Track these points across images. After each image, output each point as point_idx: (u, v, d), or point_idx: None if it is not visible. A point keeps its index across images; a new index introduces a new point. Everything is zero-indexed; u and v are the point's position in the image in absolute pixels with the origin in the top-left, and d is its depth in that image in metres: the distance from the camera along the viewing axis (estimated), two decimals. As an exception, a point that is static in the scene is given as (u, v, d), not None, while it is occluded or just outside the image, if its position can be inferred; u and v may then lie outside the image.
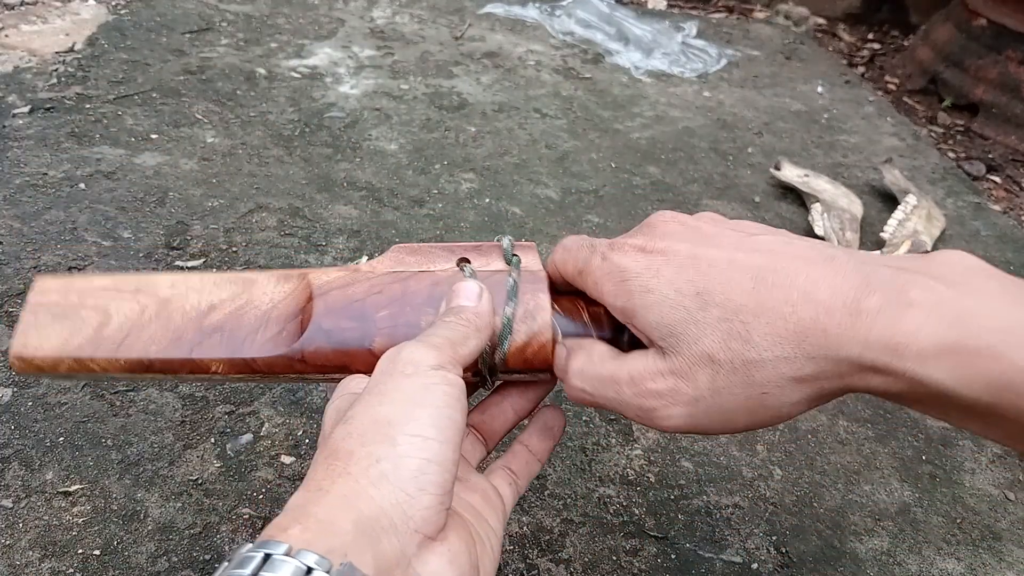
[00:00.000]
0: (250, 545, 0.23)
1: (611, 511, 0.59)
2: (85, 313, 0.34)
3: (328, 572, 0.22)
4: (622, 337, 0.34)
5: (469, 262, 0.36)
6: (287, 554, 0.22)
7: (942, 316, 0.25)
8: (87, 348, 0.34)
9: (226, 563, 0.23)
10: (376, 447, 0.26)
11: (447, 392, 0.28)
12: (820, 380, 0.28)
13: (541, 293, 0.35)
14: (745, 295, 0.28)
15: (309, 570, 0.22)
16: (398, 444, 0.26)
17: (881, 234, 0.96)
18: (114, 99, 1.05)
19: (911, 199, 1.01)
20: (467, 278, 0.34)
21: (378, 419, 0.27)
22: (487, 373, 0.34)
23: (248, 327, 0.34)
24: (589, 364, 0.33)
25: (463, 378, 0.33)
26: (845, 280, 0.27)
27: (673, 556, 0.56)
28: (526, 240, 0.88)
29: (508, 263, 0.36)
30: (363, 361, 0.31)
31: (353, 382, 0.31)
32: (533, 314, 0.34)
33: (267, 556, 0.22)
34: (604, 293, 0.32)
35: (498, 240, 0.37)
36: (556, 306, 0.35)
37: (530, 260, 0.37)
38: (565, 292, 0.36)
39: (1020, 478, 0.68)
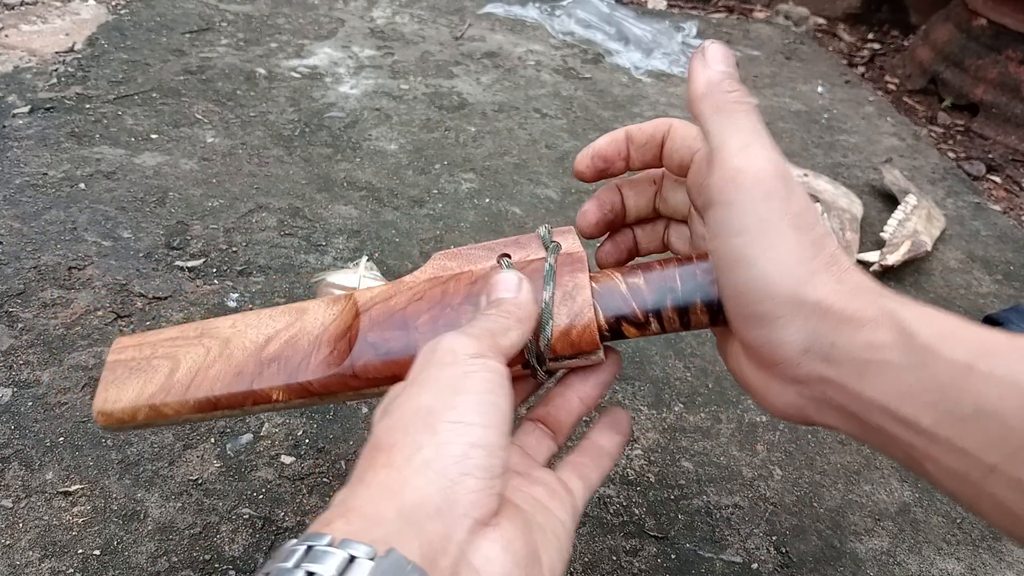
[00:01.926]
0: (294, 540, 0.23)
1: (611, 511, 0.59)
2: (156, 362, 0.37)
3: (372, 560, 0.22)
4: (666, 297, 0.34)
5: (509, 257, 0.36)
6: (330, 545, 0.22)
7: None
8: (160, 395, 0.36)
9: (269, 559, 0.23)
10: (417, 436, 0.25)
11: (487, 378, 0.28)
12: (807, 353, 0.28)
13: (580, 273, 0.34)
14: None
15: (352, 559, 0.22)
16: (439, 432, 0.25)
17: (881, 234, 0.96)
18: (114, 99, 1.05)
19: (911, 199, 1.01)
20: (505, 269, 0.34)
21: (418, 409, 0.26)
22: (536, 363, 0.34)
23: (302, 352, 0.36)
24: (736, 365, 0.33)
25: (515, 372, 0.33)
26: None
27: (673, 556, 0.56)
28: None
29: (546, 249, 0.36)
30: (410, 368, 0.32)
31: (398, 387, 0.31)
32: (572, 295, 0.34)
33: (309, 548, 0.22)
34: (727, 132, 0.31)
35: (536, 231, 0.37)
36: (594, 283, 0.35)
37: (569, 243, 0.36)
38: (602, 269, 0.36)
39: (1020, 478, 0.68)
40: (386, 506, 0.24)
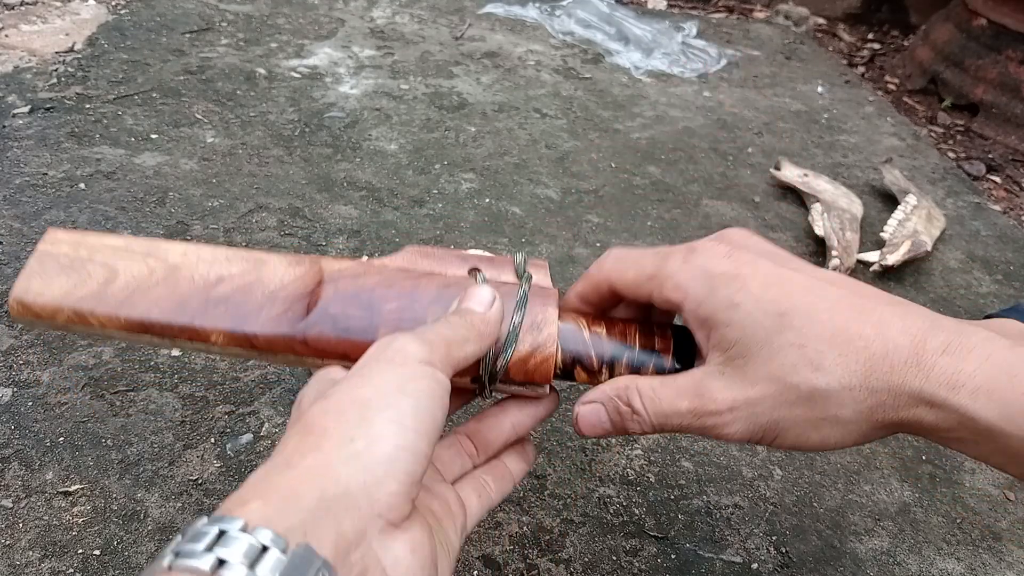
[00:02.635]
0: (205, 519, 0.23)
1: (611, 511, 0.59)
2: (92, 268, 0.34)
3: (284, 552, 0.22)
4: (624, 351, 0.35)
5: (480, 271, 0.36)
6: (243, 530, 0.22)
7: (997, 360, 0.27)
8: (89, 301, 0.33)
9: (179, 537, 0.23)
10: (352, 426, 0.26)
11: (430, 387, 0.28)
12: (877, 412, 0.29)
13: (550, 307, 0.35)
14: (822, 323, 0.30)
15: (264, 548, 0.22)
16: (374, 426, 0.26)
17: (881, 234, 0.96)
18: (114, 99, 1.05)
19: (911, 199, 1.01)
20: (481, 284, 0.34)
21: (357, 399, 0.27)
22: (487, 380, 0.34)
23: (254, 303, 0.34)
24: (644, 402, 0.33)
25: (460, 383, 0.33)
26: (914, 320, 0.29)
27: (673, 556, 0.56)
28: (526, 239, 0.88)
29: (519, 277, 0.37)
30: (364, 351, 0.31)
31: (333, 370, 0.31)
32: (539, 326, 0.34)
33: (222, 532, 0.22)
34: (687, 297, 0.32)
35: (511, 255, 0.38)
36: (560, 321, 0.35)
37: (541, 277, 0.37)
38: (568, 310, 0.37)
39: (1020, 478, 0.68)
40: (307, 491, 0.24)
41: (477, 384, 0.35)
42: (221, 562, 0.21)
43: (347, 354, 0.33)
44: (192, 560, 0.21)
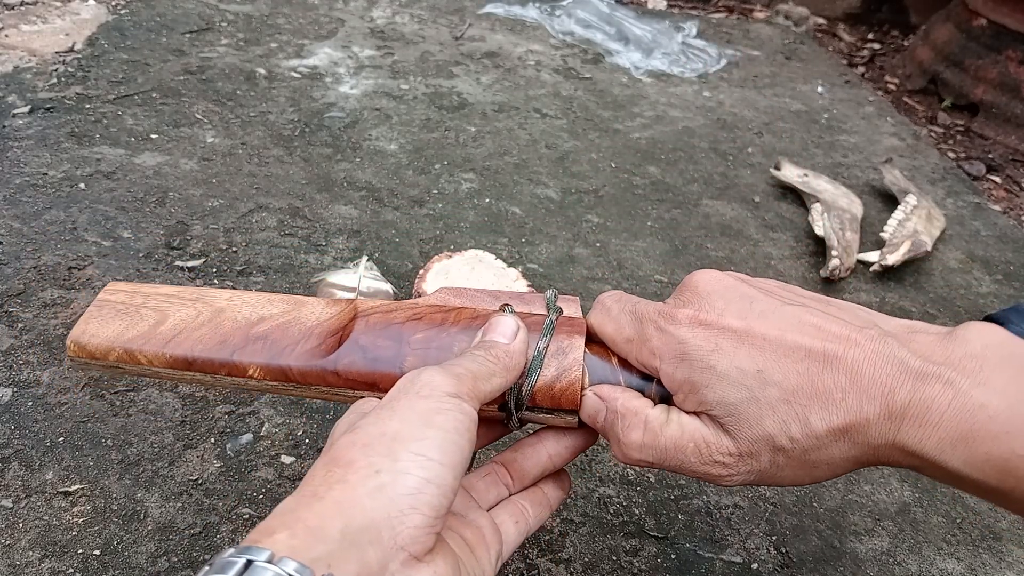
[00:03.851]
0: (233, 550, 0.23)
1: (611, 511, 0.59)
2: (145, 312, 0.37)
3: None
4: (650, 385, 0.35)
5: (510, 306, 0.37)
6: (269, 561, 0.22)
7: (956, 412, 0.28)
8: (138, 341, 0.36)
9: (207, 567, 0.23)
10: (378, 459, 0.26)
11: (458, 419, 0.28)
12: (861, 456, 0.31)
13: (577, 336, 0.36)
14: (800, 376, 0.30)
15: None
16: (400, 459, 0.26)
17: (881, 234, 0.96)
18: (114, 99, 1.05)
19: (911, 199, 1.01)
20: (507, 314, 0.35)
21: (385, 432, 0.27)
22: (513, 407, 0.35)
23: (291, 339, 0.36)
24: (649, 436, 0.33)
25: (488, 412, 0.34)
26: (883, 368, 0.30)
27: (673, 556, 0.56)
28: (526, 239, 0.88)
29: (549, 311, 0.37)
30: (392, 381, 0.32)
31: (367, 403, 0.32)
32: (565, 351, 0.35)
33: (249, 562, 0.23)
34: (661, 365, 0.33)
35: (542, 291, 0.39)
36: (587, 350, 0.36)
37: (572, 310, 0.38)
38: (597, 342, 0.37)
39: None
40: (333, 523, 0.24)
41: (505, 412, 0.35)
42: None
43: (376, 384, 0.35)
44: None
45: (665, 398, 0.35)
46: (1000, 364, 0.29)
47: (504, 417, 0.36)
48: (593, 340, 0.37)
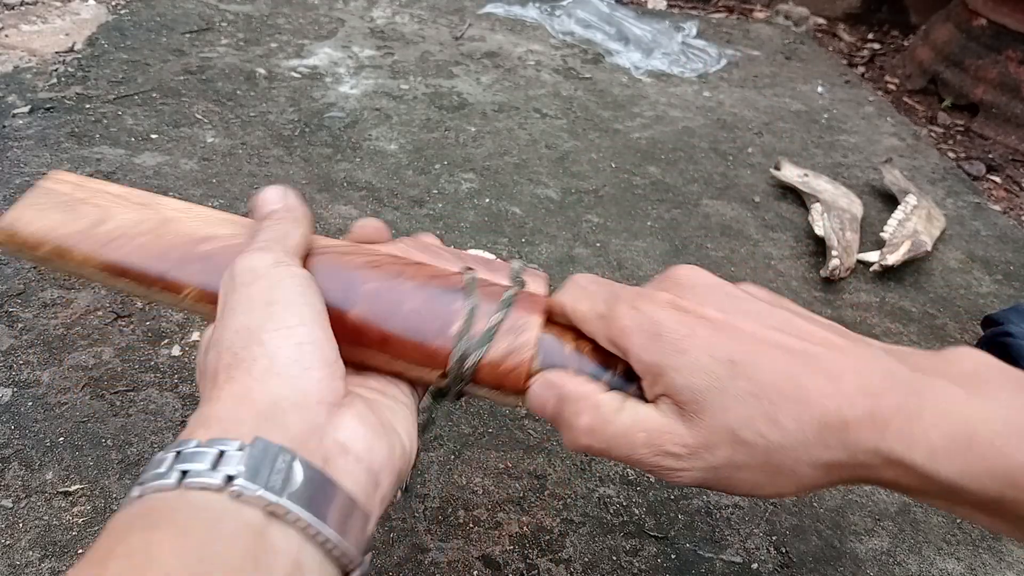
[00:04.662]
0: (161, 451, 0.24)
1: (611, 511, 0.59)
2: (86, 209, 0.34)
3: (240, 450, 0.23)
4: (607, 373, 0.33)
5: (472, 269, 0.35)
6: (198, 446, 0.23)
7: (953, 417, 0.26)
8: (74, 238, 0.34)
9: (142, 472, 0.24)
10: (247, 351, 0.26)
11: (295, 283, 0.28)
12: (833, 467, 0.28)
13: (534, 315, 0.33)
14: (776, 373, 0.28)
15: (222, 452, 0.22)
16: (266, 342, 0.26)
17: (881, 234, 0.96)
18: (114, 99, 1.05)
19: (911, 199, 1.01)
20: (269, 187, 0.34)
21: (238, 329, 0.27)
22: (455, 379, 0.33)
23: None
24: (599, 420, 0.31)
25: (430, 380, 0.32)
26: (869, 374, 0.28)
27: (673, 556, 0.56)
28: (526, 239, 0.88)
29: (513, 282, 0.35)
30: (336, 326, 0.31)
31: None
32: (519, 329, 0.33)
33: (178, 452, 0.23)
34: (631, 344, 0.32)
35: (510, 260, 0.37)
36: (544, 331, 0.34)
37: (537, 286, 0.36)
38: (557, 324, 0.35)
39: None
40: (242, 411, 0.24)
41: (445, 382, 0.33)
42: (184, 473, 0.22)
43: None
44: (158, 481, 0.22)
45: (621, 389, 0.33)
46: (997, 379, 0.28)
47: (444, 387, 0.33)
48: (553, 322, 0.35)
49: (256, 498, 0.22)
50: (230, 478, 0.22)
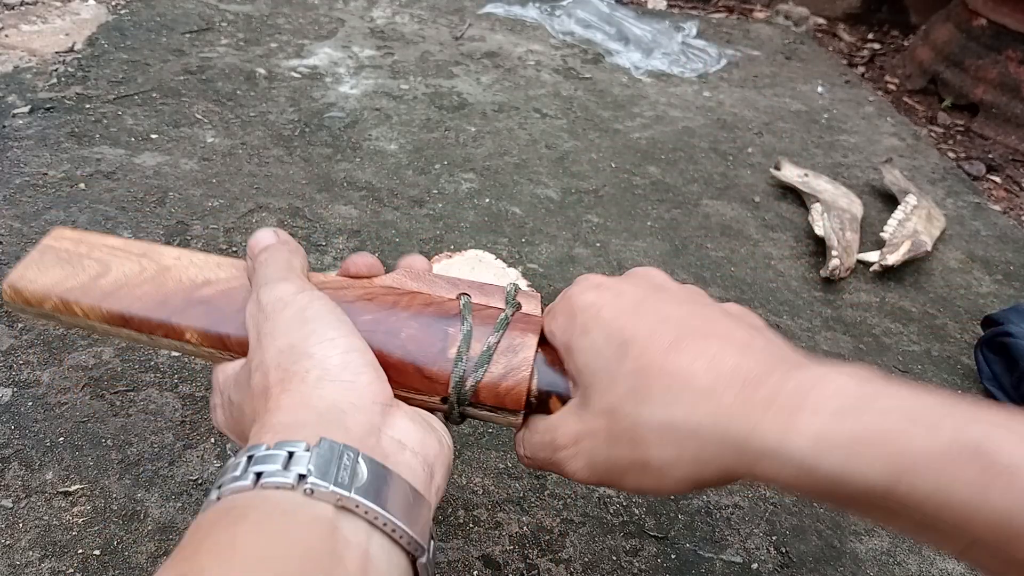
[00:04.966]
0: (232, 458, 0.25)
1: (611, 511, 0.59)
2: (87, 263, 0.36)
3: (307, 451, 0.24)
4: None
5: (470, 296, 0.36)
6: (267, 449, 0.24)
7: (838, 404, 0.24)
8: (76, 292, 0.35)
9: (217, 479, 0.25)
10: (298, 365, 0.28)
11: (320, 304, 0.30)
12: (701, 456, 0.27)
13: (531, 334, 0.34)
14: (658, 353, 0.28)
15: (291, 454, 0.24)
16: (314, 355, 0.28)
17: (881, 234, 0.96)
18: (114, 99, 1.05)
19: (911, 199, 1.01)
20: (260, 229, 0.36)
21: (283, 349, 0.28)
22: (456, 402, 0.33)
23: (234, 306, 0.35)
24: (524, 435, 0.33)
25: (431, 404, 0.33)
26: (753, 360, 0.27)
27: (673, 556, 0.56)
28: (526, 239, 0.88)
29: (507, 304, 0.36)
30: None
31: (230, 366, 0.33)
32: (515, 350, 0.33)
33: (250, 457, 0.24)
34: (555, 326, 0.33)
35: (503, 286, 0.37)
36: (540, 351, 0.34)
37: (531, 307, 0.36)
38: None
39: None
40: (304, 416, 0.26)
41: (447, 406, 0.34)
42: (259, 475, 0.23)
43: None
44: (235, 483, 0.24)
45: None
46: (883, 377, 0.26)
47: (446, 411, 0.34)
48: (550, 341, 0.35)
49: (328, 493, 0.23)
50: (302, 476, 0.23)
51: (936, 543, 0.24)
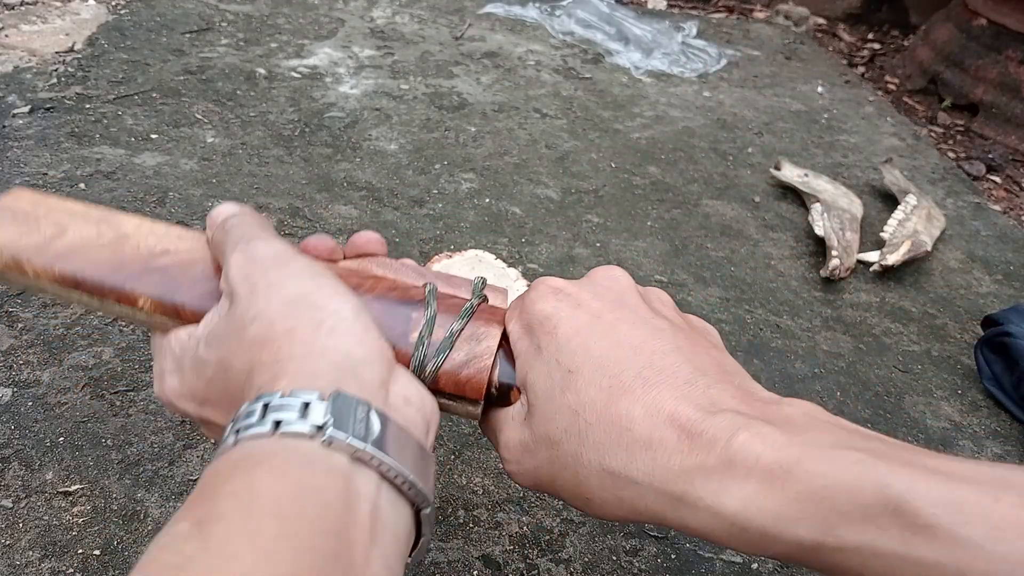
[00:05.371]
0: (247, 403, 0.25)
1: (611, 511, 0.59)
2: (44, 224, 0.35)
3: (323, 401, 0.24)
4: None
5: (433, 284, 0.35)
6: (283, 397, 0.24)
7: (769, 465, 0.25)
8: (29, 251, 0.34)
9: (231, 424, 0.25)
10: (309, 315, 0.27)
11: (322, 266, 0.31)
12: (639, 503, 0.28)
13: (495, 325, 0.34)
14: (600, 392, 0.29)
15: (307, 404, 0.24)
16: (326, 306, 0.28)
17: (881, 234, 0.96)
18: (114, 99, 1.05)
19: (911, 199, 1.01)
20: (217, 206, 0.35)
21: (290, 300, 0.28)
22: None
23: (191, 277, 0.34)
24: (485, 421, 0.34)
25: None
26: (691, 406, 0.27)
27: (673, 556, 0.56)
28: (526, 239, 0.88)
29: (473, 295, 0.36)
30: None
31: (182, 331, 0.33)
32: (479, 338, 0.33)
33: (266, 405, 0.24)
34: (512, 334, 0.33)
35: (471, 279, 0.37)
36: (505, 343, 0.34)
37: (498, 301, 0.36)
38: None
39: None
40: (318, 365, 0.26)
41: None
42: (277, 423, 0.24)
43: None
44: (253, 429, 0.24)
45: None
46: (822, 425, 0.27)
47: None
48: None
49: (346, 445, 0.24)
50: (319, 427, 0.23)
51: None
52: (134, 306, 0.34)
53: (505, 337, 0.34)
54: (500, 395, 0.33)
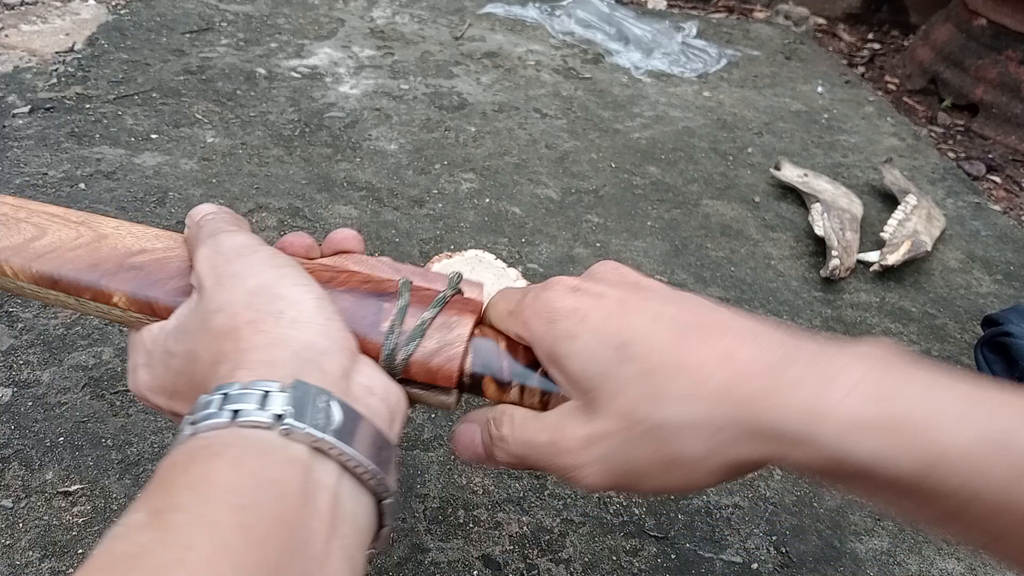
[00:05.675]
0: (204, 395, 0.25)
1: (611, 511, 0.59)
2: (24, 226, 0.36)
3: (283, 391, 0.24)
4: (535, 374, 0.33)
5: (411, 282, 0.36)
6: (242, 388, 0.24)
7: (867, 391, 0.24)
8: (8, 251, 0.35)
9: (187, 416, 0.25)
10: (272, 305, 0.27)
11: (287, 257, 0.31)
12: (732, 450, 0.26)
13: (468, 314, 0.34)
14: (666, 351, 0.27)
15: (266, 393, 0.24)
16: (288, 296, 0.28)
17: (881, 234, 0.96)
18: (114, 99, 1.05)
19: (911, 199, 1.01)
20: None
21: (253, 290, 0.28)
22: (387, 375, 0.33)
23: (165, 274, 0.35)
24: (512, 429, 0.32)
25: None
26: (768, 348, 0.27)
27: (673, 556, 0.56)
28: (526, 239, 0.88)
29: (447, 287, 0.36)
30: None
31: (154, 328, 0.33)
32: (451, 326, 0.33)
33: (225, 395, 0.24)
34: (532, 333, 0.32)
35: (447, 274, 0.37)
36: (477, 332, 0.34)
37: (474, 294, 0.36)
38: (493, 328, 0.35)
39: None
40: (278, 355, 0.26)
41: None
42: (236, 413, 0.23)
43: None
44: (210, 420, 0.23)
45: (549, 389, 0.32)
46: (910, 361, 0.26)
47: None
48: (488, 326, 0.35)
49: (304, 435, 0.23)
50: (278, 417, 0.23)
51: (961, 534, 0.24)
52: (109, 303, 0.34)
53: (480, 327, 0.34)
54: (473, 383, 0.33)
